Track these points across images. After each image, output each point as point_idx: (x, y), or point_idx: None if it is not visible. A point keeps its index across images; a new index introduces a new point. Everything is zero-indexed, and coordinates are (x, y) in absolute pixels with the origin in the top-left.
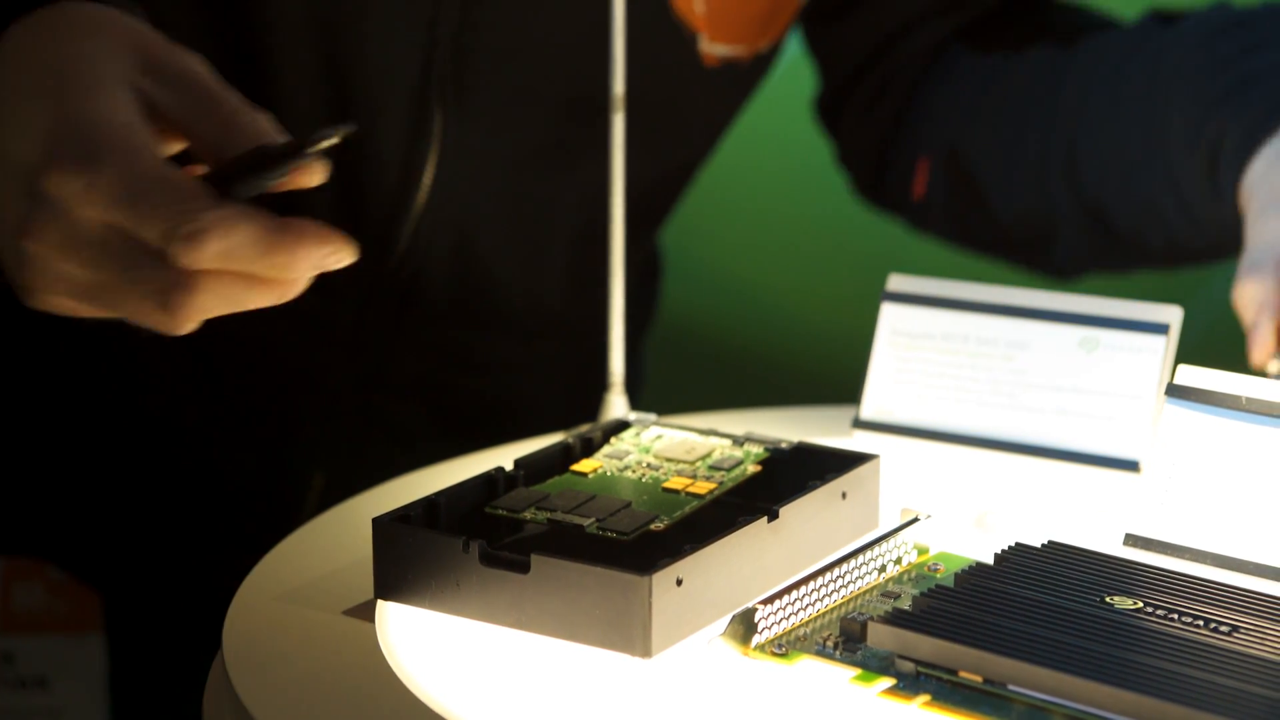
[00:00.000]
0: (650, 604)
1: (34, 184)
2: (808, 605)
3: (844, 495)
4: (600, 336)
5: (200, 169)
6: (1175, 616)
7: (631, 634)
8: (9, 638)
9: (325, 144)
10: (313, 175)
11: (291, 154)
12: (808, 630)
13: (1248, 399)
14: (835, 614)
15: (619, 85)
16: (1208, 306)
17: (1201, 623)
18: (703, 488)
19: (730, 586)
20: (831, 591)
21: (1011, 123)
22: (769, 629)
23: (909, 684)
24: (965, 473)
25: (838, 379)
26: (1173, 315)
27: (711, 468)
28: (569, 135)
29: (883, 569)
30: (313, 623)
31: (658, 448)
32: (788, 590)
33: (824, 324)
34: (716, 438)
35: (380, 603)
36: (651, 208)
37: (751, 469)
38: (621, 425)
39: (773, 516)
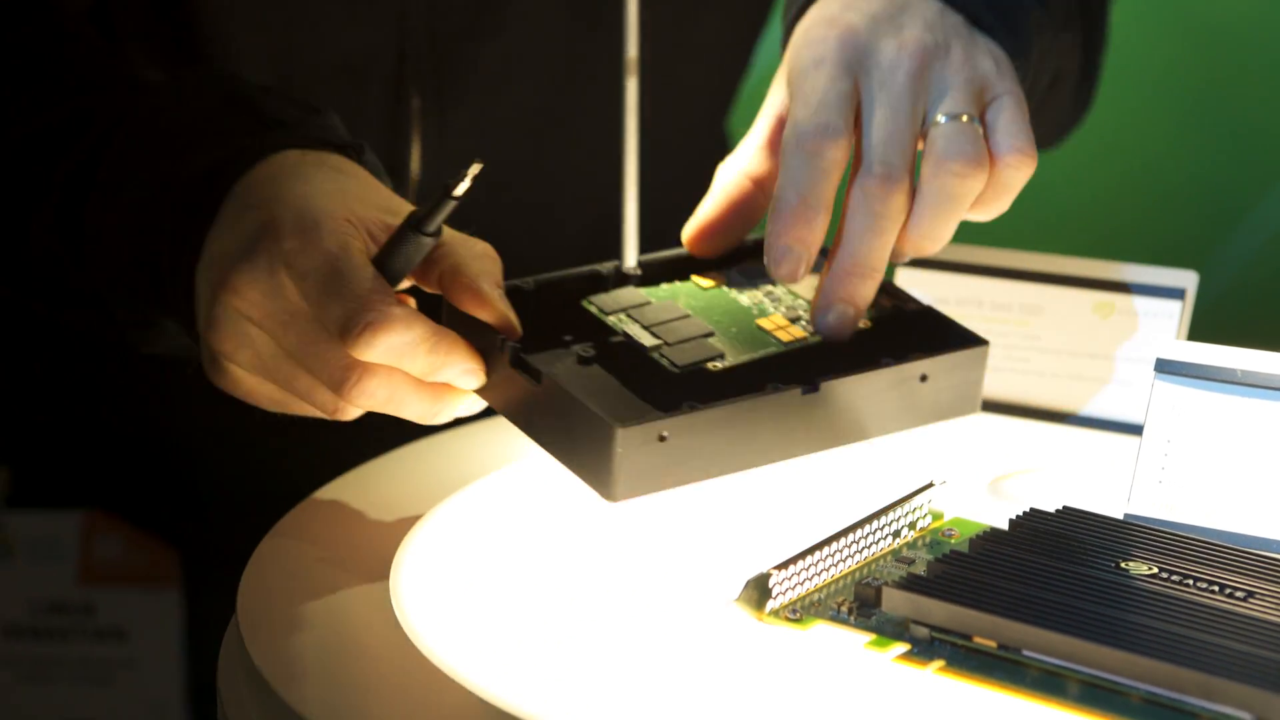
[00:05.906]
0: (614, 453)
1: (252, 242)
2: (822, 571)
3: (923, 378)
4: None
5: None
6: (1190, 582)
7: (602, 475)
8: (89, 589)
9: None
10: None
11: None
12: (822, 595)
13: (1243, 371)
14: (850, 579)
15: (632, 50)
16: (1224, 272)
17: (1216, 588)
18: (792, 334)
19: (731, 452)
20: (846, 557)
21: None
22: (783, 594)
23: (923, 649)
24: (980, 438)
25: None
26: (1188, 280)
27: None
28: (562, 104)
29: (897, 534)
30: (327, 583)
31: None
32: (802, 555)
33: None
34: None
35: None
36: (692, 156)
37: (861, 323)
38: None
39: (810, 389)
